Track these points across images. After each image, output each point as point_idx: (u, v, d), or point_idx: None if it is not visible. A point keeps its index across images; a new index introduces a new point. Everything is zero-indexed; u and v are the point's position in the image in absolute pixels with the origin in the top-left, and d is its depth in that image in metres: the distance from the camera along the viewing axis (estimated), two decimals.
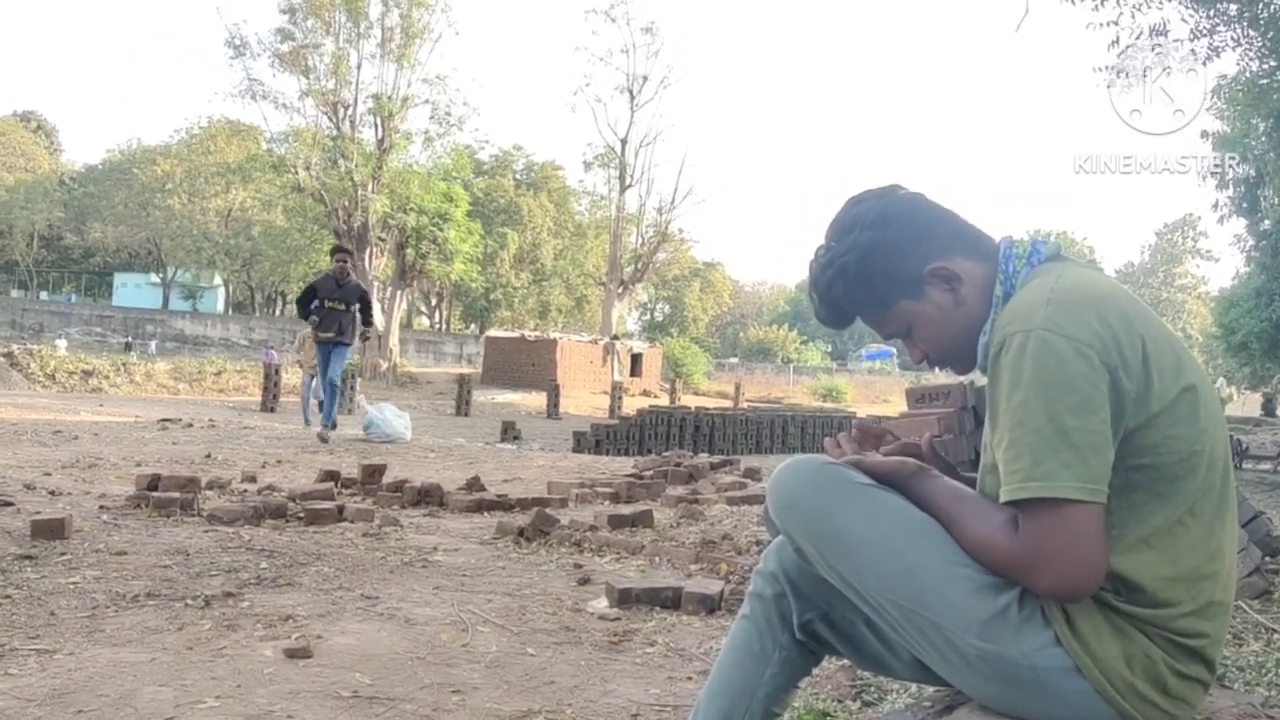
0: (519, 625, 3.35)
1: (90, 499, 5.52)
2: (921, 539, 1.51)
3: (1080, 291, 1.47)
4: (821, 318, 1.74)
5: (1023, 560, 1.40)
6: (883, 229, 1.63)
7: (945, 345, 1.67)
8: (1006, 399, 1.43)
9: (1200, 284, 75.71)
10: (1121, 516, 1.43)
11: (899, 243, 1.62)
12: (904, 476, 1.61)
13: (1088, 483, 1.37)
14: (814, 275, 1.70)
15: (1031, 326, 1.42)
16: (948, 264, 1.61)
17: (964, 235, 1.65)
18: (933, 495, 1.57)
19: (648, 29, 42.63)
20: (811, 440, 23.26)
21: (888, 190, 1.70)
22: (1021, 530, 1.41)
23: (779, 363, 65.05)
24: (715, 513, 6.00)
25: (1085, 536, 1.37)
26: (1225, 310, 29.55)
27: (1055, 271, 1.53)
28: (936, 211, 1.66)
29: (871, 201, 1.68)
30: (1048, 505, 1.37)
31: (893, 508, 1.56)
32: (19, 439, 9.59)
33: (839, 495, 1.58)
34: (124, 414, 15.14)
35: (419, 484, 6.40)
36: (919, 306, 1.64)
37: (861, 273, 1.64)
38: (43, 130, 65.04)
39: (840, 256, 1.65)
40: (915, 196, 1.69)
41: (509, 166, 54.91)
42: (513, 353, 39.84)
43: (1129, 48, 10.46)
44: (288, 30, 35.88)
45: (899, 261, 1.62)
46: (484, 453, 11.23)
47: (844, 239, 1.66)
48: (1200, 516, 1.46)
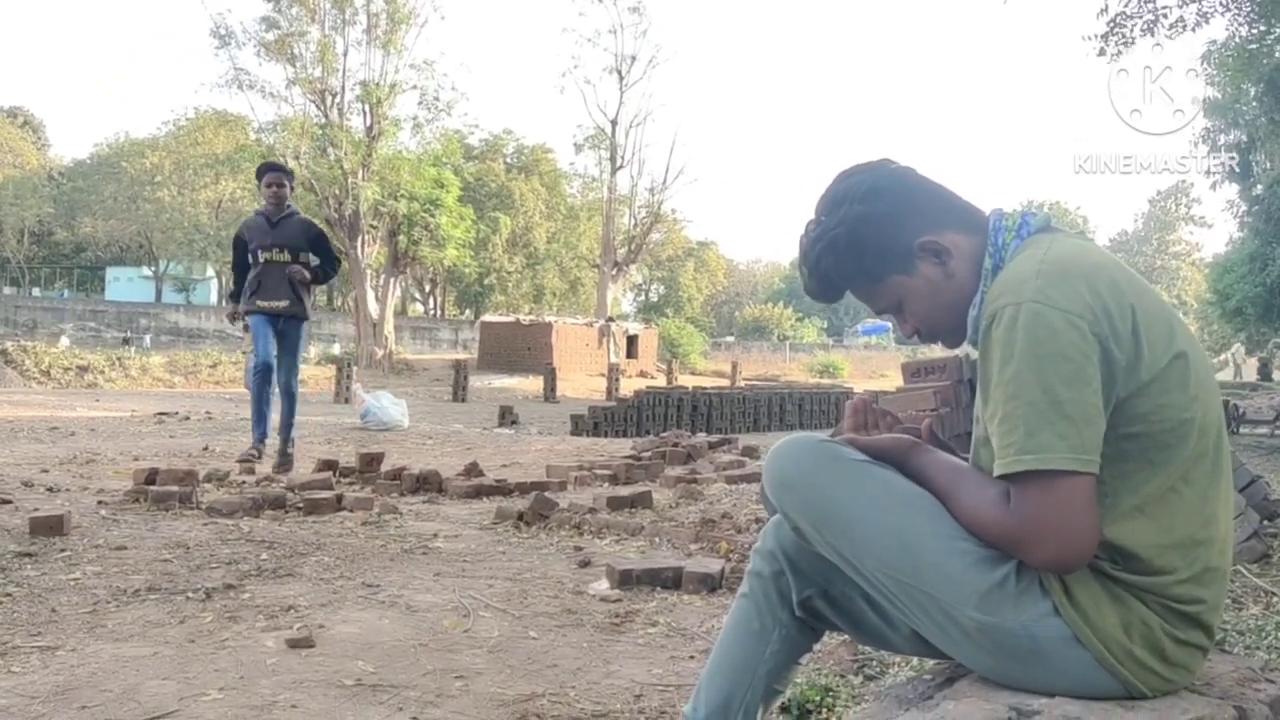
0: (520, 609, 3.35)
1: (88, 495, 5.52)
2: (918, 514, 1.52)
3: (1069, 262, 1.46)
4: (811, 291, 1.74)
5: (1017, 533, 1.41)
6: (873, 202, 1.62)
7: (936, 319, 1.67)
8: (999, 372, 1.43)
9: (1194, 250, 75.75)
10: (1114, 486, 1.43)
11: (889, 216, 1.62)
12: (900, 452, 1.61)
13: (1081, 453, 1.37)
14: (804, 249, 1.70)
15: (1022, 299, 1.42)
16: (938, 238, 1.61)
17: (954, 209, 1.65)
18: (928, 470, 1.57)
19: (635, 8, 42.36)
20: (809, 417, 23.28)
21: (878, 164, 1.70)
22: (1014, 502, 1.41)
23: (775, 340, 65.08)
24: (714, 492, 6.01)
25: (1079, 507, 1.38)
26: (1219, 276, 29.57)
27: (1044, 243, 1.53)
28: (926, 185, 1.66)
29: (862, 175, 1.67)
30: (1042, 477, 1.38)
31: (888, 484, 1.56)
32: (15, 436, 9.57)
33: (834, 473, 1.58)
34: (120, 409, 15.12)
35: (417, 471, 6.40)
36: (909, 280, 1.64)
37: (852, 246, 1.63)
38: (30, 126, 64.57)
39: (830, 230, 1.65)
40: (905, 170, 1.68)
41: (499, 151, 54.68)
42: (508, 337, 39.81)
43: (1119, 15, 10.42)
44: (272, 19, 35.65)
45: (889, 235, 1.62)
46: (482, 438, 11.23)
47: (834, 212, 1.65)
48: (1193, 483, 1.46)
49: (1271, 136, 15.06)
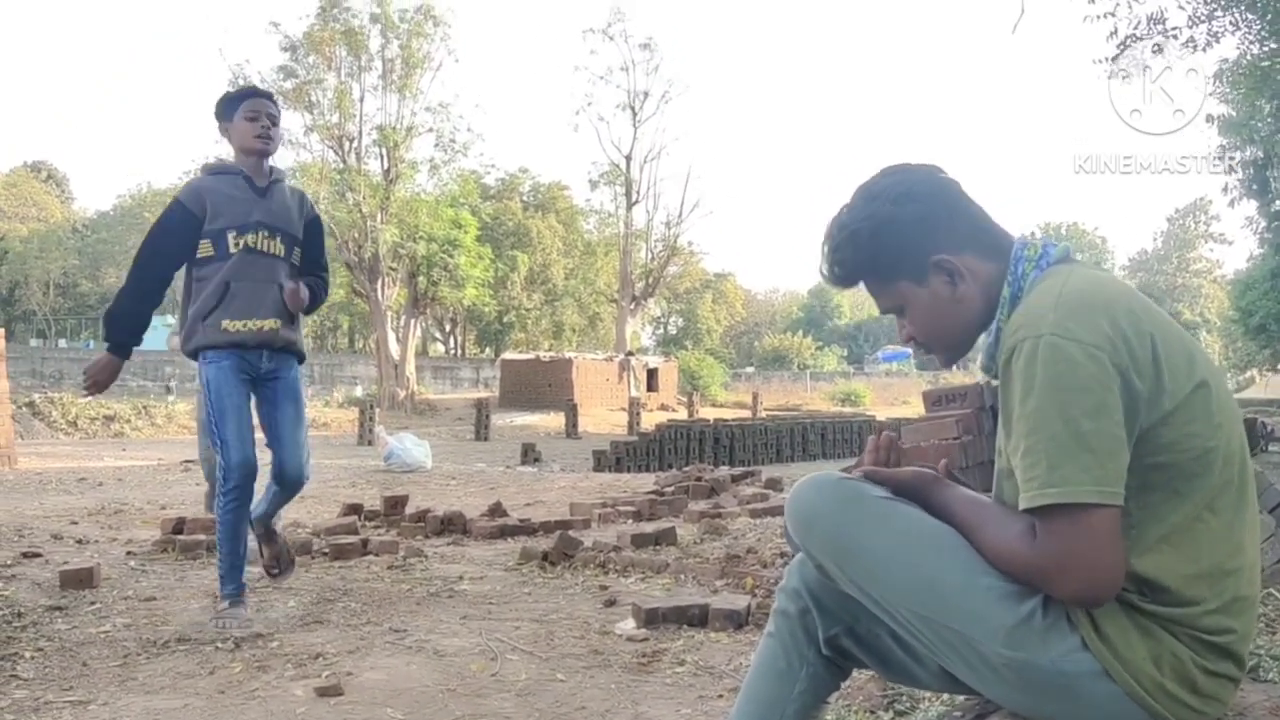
0: (547, 651, 3.35)
1: (117, 545, 5.56)
2: (942, 549, 1.52)
3: (1088, 294, 1.47)
4: (824, 275, 1.74)
5: (1044, 566, 1.41)
6: (904, 205, 1.62)
7: (933, 333, 1.68)
8: (1020, 405, 1.43)
9: (1215, 268, 75.17)
10: (1140, 517, 1.43)
11: (915, 224, 1.62)
12: (921, 486, 1.61)
13: (1105, 485, 1.37)
14: (829, 232, 1.70)
15: (1041, 332, 1.43)
16: (955, 259, 1.61)
17: (982, 232, 1.65)
18: (951, 505, 1.57)
19: (646, 45, 42.69)
20: (832, 446, 23.18)
21: (924, 170, 1.69)
22: (1040, 536, 1.41)
23: (795, 369, 64.91)
24: (738, 526, 5.99)
25: (1105, 540, 1.37)
26: (1241, 293, 29.39)
27: (1062, 274, 1.53)
28: (961, 203, 1.66)
29: (902, 177, 1.67)
30: (1067, 510, 1.37)
31: (911, 520, 1.56)
32: (45, 489, 9.66)
33: (856, 510, 1.59)
34: (147, 457, 15.23)
35: (441, 513, 6.42)
36: (918, 290, 1.64)
37: (872, 243, 1.64)
38: (53, 179, 65.69)
39: (857, 222, 1.65)
40: (947, 183, 1.67)
41: (516, 189, 55.09)
42: (529, 374, 39.89)
43: (1129, 38, 10.45)
44: (290, 68, 36.18)
45: (910, 242, 1.62)
46: (505, 477, 11.24)
47: (865, 206, 1.65)
48: (1220, 513, 1.45)
49: None
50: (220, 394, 3.77)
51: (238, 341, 3.83)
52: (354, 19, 35.49)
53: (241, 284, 3.84)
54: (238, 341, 3.83)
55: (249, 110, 3.97)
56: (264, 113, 3.99)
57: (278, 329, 3.89)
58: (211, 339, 3.82)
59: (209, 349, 3.83)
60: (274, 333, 3.88)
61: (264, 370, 3.92)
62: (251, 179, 3.96)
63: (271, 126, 4.01)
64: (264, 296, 3.87)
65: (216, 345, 3.82)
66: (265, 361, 3.91)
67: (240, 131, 3.96)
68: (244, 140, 3.96)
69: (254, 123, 3.96)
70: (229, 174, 3.98)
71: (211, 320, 3.82)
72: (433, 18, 35.90)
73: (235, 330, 3.82)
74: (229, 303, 3.82)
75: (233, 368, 3.82)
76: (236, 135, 3.98)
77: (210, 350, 3.83)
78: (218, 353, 3.82)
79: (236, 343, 3.82)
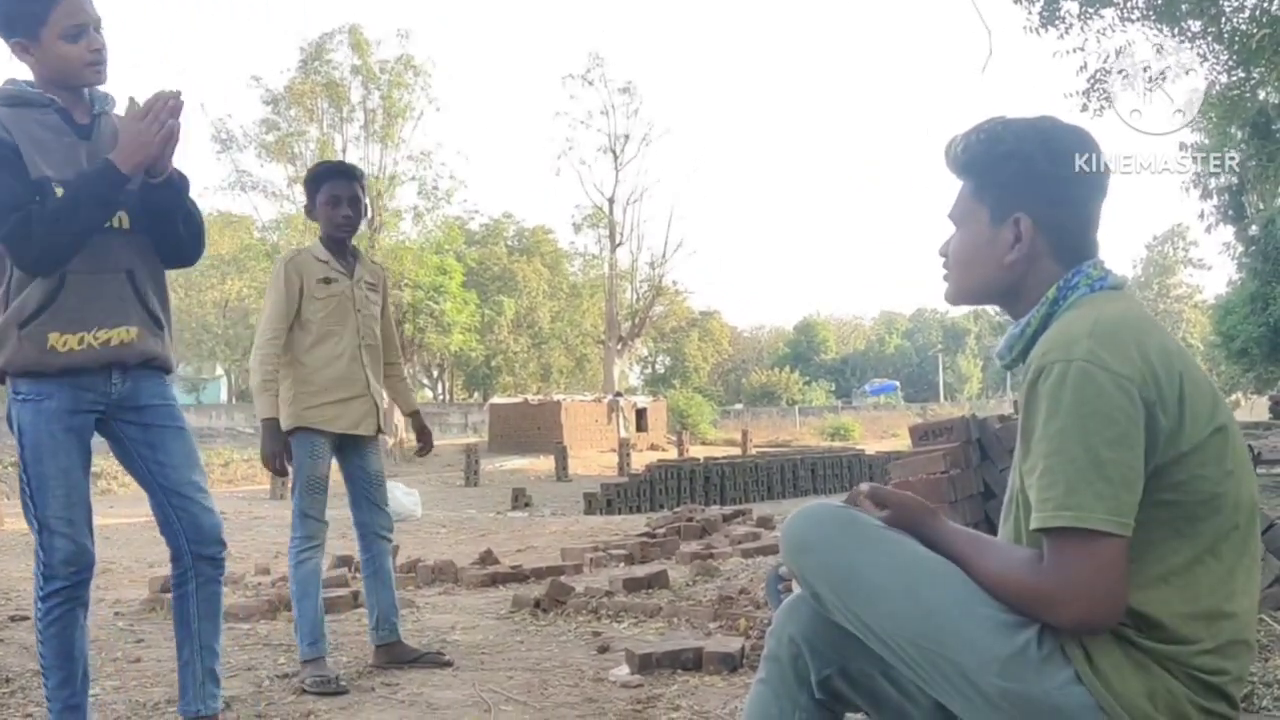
0: (541, 701, 3.33)
1: (105, 605, 5.51)
2: (938, 578, 1.53)
3: (1124, 325, 1.48)
4: (948, 147, 1.73)
5: (1048, 590, 1.41)
6: (1043, 161, 1.61)
7: (961, 266, 1.71)
8: (1043, 425, 1.44)
9: (1196, 293, 75.74)
10: (1140, 552, 1.44)
11: (1035, 178, 1.61)
12: (917, 513, 1.63)
13: (1118, 516, 1.38)
14: (981, 124, 1.68)
15: (1073, 357, 1.44)
16: (1035, 233, 1.61)
17: (1074, 235, 1.63)
18: (947, 536, 1.58)
19: (625, 89, 43.12)
20: (823, 482, 23.14)
21: (1094, 152, 1.66)
22: (1048, 558, 1.42)
23: (784, 405, 64.93)
24: (730, 567, 5.98)
25: (1111, 569, 1.39)
26: (1222, 318, 29.60)
27: (1102, 302, 1.55)
28: (1085, 201, 1.64)
29: (1077, 143, 1.64)
30: (1077, 536, 1.39)
31: (907, 548, 1.57)
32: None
33: (853, 536, 1.59)
34: (134, 514, 15.06)
35: (431, 562, 6.39)
36: (984, 222, 1.66)
37: (990, 160, 1.64)
38: None
39: (1010, 137, 1.63)
40: (1093, 179, 1.65)
41: (500, 234, 55.29)
42: (517, 418, 39.79)
43: (1098, 71, 10.62)
44: (272, 121, 36.37)
45: (1017, 184, 1.62)
46: (495, 523, 11.20)
47: (1021, 136, 1.63)
48: (1222, 558, 1.46)
49: (1261, 178, 15.23)
50: (39, 451, 2.51)
51: (73, 367, 2.51)
52: (335, 71, 35.77)
53: (79, 275, 2.51)
54: (73, 367, 2.51)
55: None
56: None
57: (133, 340, 2.59)
58: (30, 361, 2.50)
59: (23, 377, 2.52)
60: (128, 345, 2.58)
61: (116, 398, 2.60)
62: (73, 116, 2.57)
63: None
64: (113, 292, 2.57)
65: (36, 373, 2.51)
66: (117, 386, 2.60)
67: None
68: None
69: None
70: (37, 106, 2.54)
71: (31, 331, 2.49)
72: (413, 68, 36.18)
73: (69, 350, 2.50)
74: (61, 305, 2.50)
75: (61, 409, 2.52)
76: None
77: (25, 380, 2.52)
78: (37, 385, 2.51)
79: (71, 368, 2.51)
